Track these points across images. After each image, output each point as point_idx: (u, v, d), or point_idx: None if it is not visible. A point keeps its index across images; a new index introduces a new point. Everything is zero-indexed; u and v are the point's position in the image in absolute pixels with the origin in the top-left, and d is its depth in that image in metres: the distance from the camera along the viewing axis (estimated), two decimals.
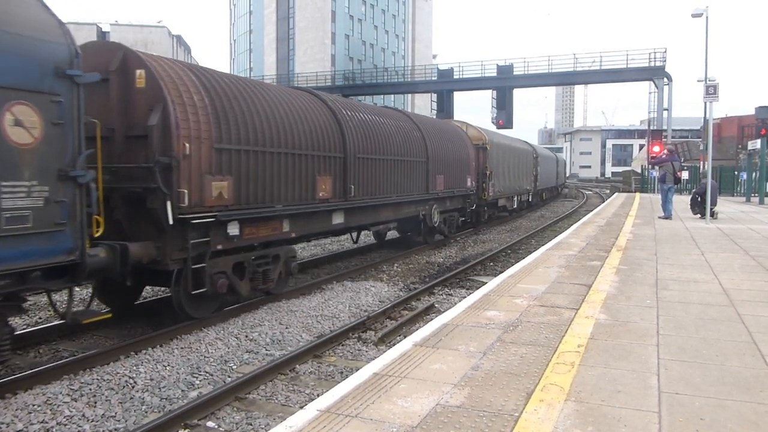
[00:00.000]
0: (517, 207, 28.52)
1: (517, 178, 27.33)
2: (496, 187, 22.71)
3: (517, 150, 28.09)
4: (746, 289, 7.41)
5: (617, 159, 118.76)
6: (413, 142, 14.47)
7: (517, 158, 27.28)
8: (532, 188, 32.69)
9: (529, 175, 31.99)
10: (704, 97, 16.31)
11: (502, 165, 23.77)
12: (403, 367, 4.54)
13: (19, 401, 5.51)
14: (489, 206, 22.66)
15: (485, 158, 20.90)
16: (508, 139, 28.45)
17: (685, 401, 3.86)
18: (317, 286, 10.91)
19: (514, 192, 26.81)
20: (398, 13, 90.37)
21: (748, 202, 27.36)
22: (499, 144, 23.72)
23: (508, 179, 24.97)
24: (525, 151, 31.47)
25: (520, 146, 30.64)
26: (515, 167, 27.26)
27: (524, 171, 30.54)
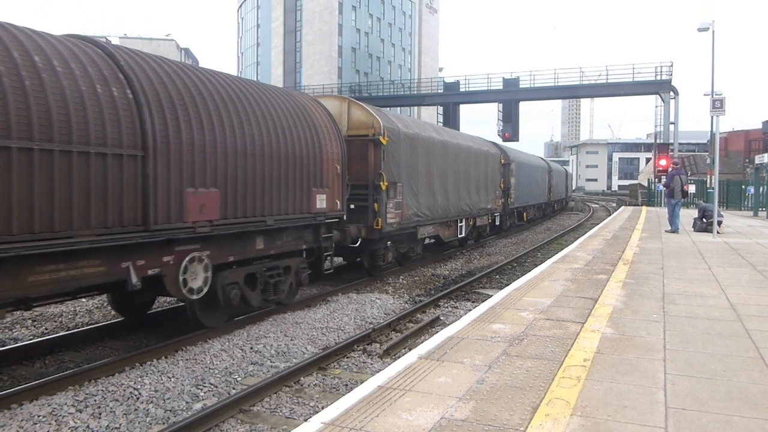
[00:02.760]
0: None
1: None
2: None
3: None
4: (754, 304, 7.36)
5: (624, 172, 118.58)
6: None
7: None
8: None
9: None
10: (711, 110, 16.31)
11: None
12: (408, 380, 4.53)
13: (25, 412, 5.52)
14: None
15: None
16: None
17: (692, 417, 3.83)
18: (322, 298, 10.90)
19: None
20: (405, 27, 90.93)
21: (755, 216, 27.21)
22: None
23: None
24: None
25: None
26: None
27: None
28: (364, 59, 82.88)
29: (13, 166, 5.20)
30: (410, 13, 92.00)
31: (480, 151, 19.30)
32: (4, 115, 5.12)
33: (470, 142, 18.58)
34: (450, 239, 16.85)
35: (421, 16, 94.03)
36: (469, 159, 17.82)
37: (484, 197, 19.48)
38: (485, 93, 48.99)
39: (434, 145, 15.12)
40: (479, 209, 18.86)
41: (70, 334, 8.10)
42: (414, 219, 13.75)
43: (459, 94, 50.14)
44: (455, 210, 16.50)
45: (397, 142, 12.77)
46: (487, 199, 19.82)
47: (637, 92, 45.13)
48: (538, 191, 31.98)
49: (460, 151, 17.09)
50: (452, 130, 19.56)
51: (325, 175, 9.92)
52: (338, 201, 10.36)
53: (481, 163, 19.27)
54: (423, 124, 15.61)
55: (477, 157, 18.78)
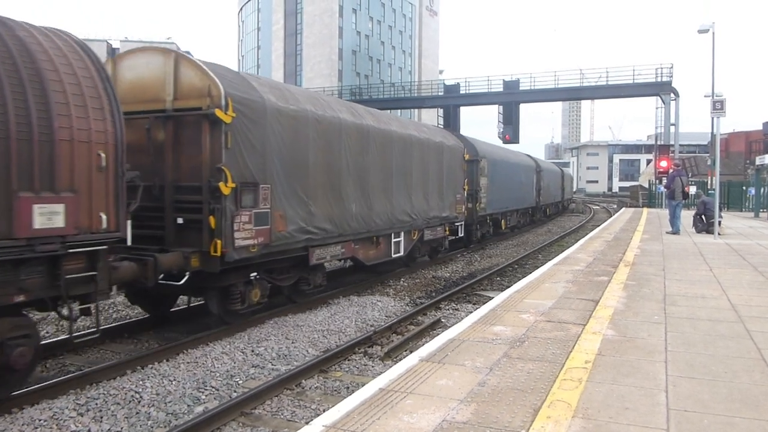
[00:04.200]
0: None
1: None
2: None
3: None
4: (755, 305, 7.35)
5: (624, 174, 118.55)
6: None
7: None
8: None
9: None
10: (711, 112, 16.33)
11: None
12: (410, 382, 4.53)
13: (26, 416, 5.52)
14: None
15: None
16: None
17: (694, 419, 3.82)
18: (323, 301, 10.90)
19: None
20: (405, 29, 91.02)
21: (756, 217, 27.20)
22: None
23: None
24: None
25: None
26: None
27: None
28: (364, 62, 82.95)
29: None
30: (410, 16, 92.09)
31: (430, 143, 14.70)
32: None
33: (413, 130, 14.12)
34: (377, 261, 12.46)
35: (421, 18, 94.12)
36: (409, 152, 13.42)
37: (436, 202, 14.99)
38: (485, 95, 48.98)
39: (343, 131, 10.62)
40: (428, 218, 14.48)
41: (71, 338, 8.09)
42: (300, 237, 9.39)
43: (459, 97, 50.14)
44: (384, 221, 12.13)
45: (260, 121, 8.47)
46: (441, 205, 15.31)
47: (637, 94, 45.08)
48: (523, 194, 27.81)
49: (393, 140, 12.55)
50: (384, 112, 14.59)
51: (62, 170, 5.89)
52: (102, 214, 6.29)
53: (432, 159, 14.82)
54: (323, 99, 10.89)
55: (424, 150, 14.32)
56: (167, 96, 8.10)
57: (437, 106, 54.20)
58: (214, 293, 8.48)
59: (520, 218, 27.97)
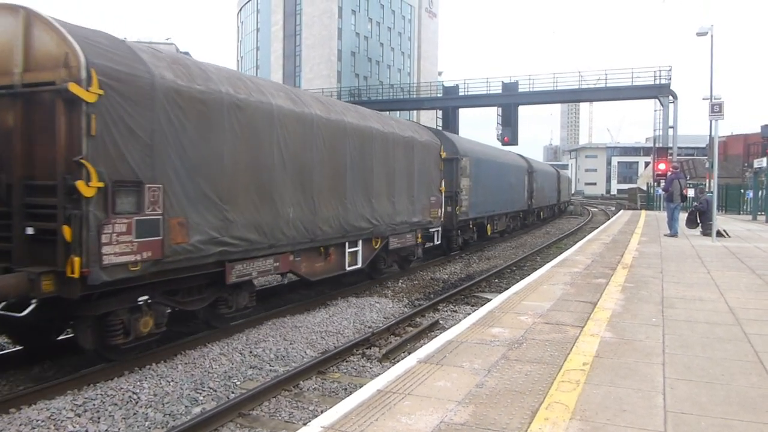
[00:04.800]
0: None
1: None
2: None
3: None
4: (753, 308, 7.36)
5: (623, 176, 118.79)
6: None
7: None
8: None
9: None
10: (709, 115, 16.34)
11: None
12: (408, 384, 4.53)
13: (23, 416, 5.51)
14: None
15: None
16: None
17: (691, 421, 3.83)
18: (322, 302, 10.90)
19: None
20: (404, 31, 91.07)
21: (754, 220, 27.25)
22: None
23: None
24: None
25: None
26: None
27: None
28: (363, 63, 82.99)
29: None
30: (410, 17, 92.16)
31: (396, 138, 12.82)
32: None
33: (375, 122, 12.15)
34: (327, 275, 10.63)
35: (420, 20, 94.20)
36: (369, 148, 11.57)
37: (405, 206, 13.18)
38: (484, 97, 49.07)
39: (276, 120, 8.76)
40: (394, 224, 12.64)
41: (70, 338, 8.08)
42: (210, 250, 7.48)
43: (458, 98, 50.22)
44: (335, 228, 10.31)
45: (145, 103, 6.64)
46: (411, 209, 13.49)
47: (636, 96, 45.18)
48: (513, 196, 25.76)
49: (348, 133, 10.74)
50: (339, 101, 12.65)
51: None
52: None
53: (399, 156, 12.92)
54: (253, 81, 8.87)
55: (389, 145, 12.46)
56: (15, 67, 6.24)
57: (436, 108, 54.29)
58: (86, 324, 6.58)
59: (510, 222, 25.86)
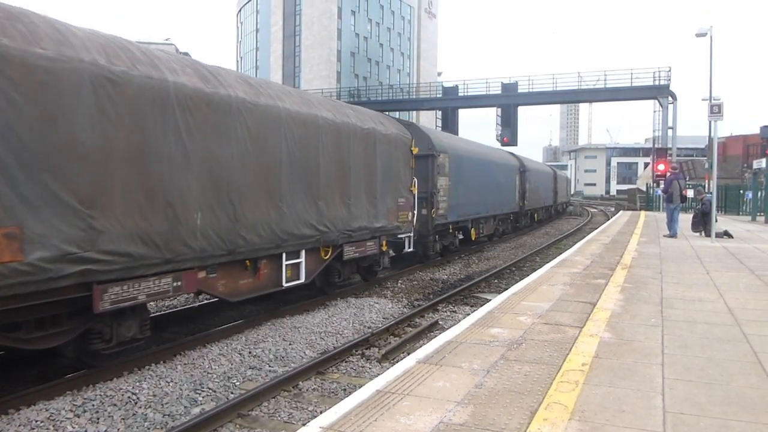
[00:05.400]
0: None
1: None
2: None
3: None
4: (752, 309, 7.36)
5: (622, 177, 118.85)
6: None
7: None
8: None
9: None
10: (709, 116, 16.36)
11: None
12: (407, 384, 4.53)
13: (22, 417, 5.51)
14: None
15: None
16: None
17: (690, 421, 3.83)
18: (321, 303, 10.90)
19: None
20: (403, 31, 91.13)
21: (753, 221, 27.27)
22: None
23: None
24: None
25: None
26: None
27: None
28: (363, 63, 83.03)
29: None
30: (409, 18, 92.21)
31: (353, 130, 10.93)
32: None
33: (324, 110, 10.20)
34: (255, 293, 8.70)
35: (419, 20, 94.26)
36: (314, 140, 9.73)
37: (364, 209, 11.34)
38: (484, 97, 49.08)
39: (172, 101, 6.90)
40: (350, 230, 10.79)
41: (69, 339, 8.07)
42: (64, 270, 5.66)
43: (458, 99, 50.22)
44: (266, 236, 8.50)
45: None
46: (373, 212, 11.69)
47: (635, 97, 45.21)
48: (503, 197, 23.81)
49: (283, 122, 8.86)
50: (278, 84, 10.51)
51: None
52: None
53: (357, 151, 11.10)
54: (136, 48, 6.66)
55: (343, 138, 10.59)
56: None
57: (435, 108, 54.32)
58: None
59: (499, 225, 23.93)
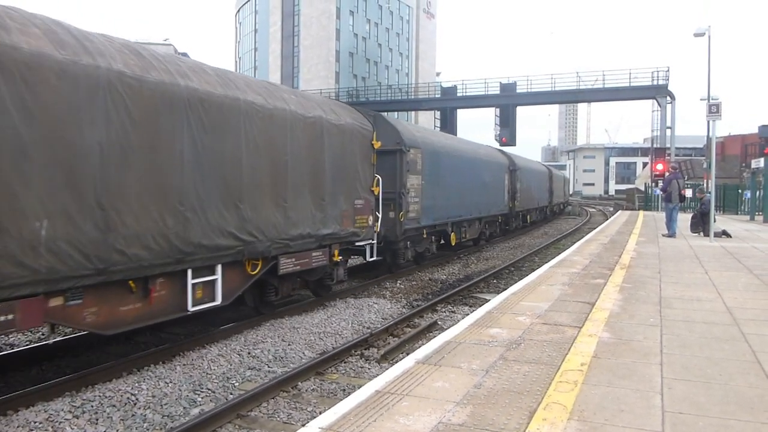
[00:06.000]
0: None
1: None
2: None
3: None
4: (750, 308, 7.37)
5: (621, 177, 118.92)
6: None
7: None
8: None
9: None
10: (707, 115, 16.37)
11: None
12: (406, 384, 4.53)
13: (21, 418, 5.50)
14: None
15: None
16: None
17: (689, 421, 3.83)
18: (320, 303, 10.89)
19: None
20: (402, 32, 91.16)
21: (752, 220, 27.30)
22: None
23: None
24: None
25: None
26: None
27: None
28: (361, 64, 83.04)
29: None
30: (407, 18, 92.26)
31: (291, 117, 9.11)
32: None
33: (250, 93, 8.38)
34: (145, 322, 6.92)
35: (418, 20, 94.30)
36: (234, 128, 7.93)
37: (308, 213, 9.53)
38: (483, 98, 49.12)
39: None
40: (288, 239, 9.02)
41: (67, 340, 8.08)
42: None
43: (456, 99, 50.26)
44: (159, 248, 6.72)
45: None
46: (320, 216, 9.86)
47: (634, 97, 45.28)
48: (489, 198, 21.78)
49: (186, 105, 7.08)
50: (186, 59, 8.36)
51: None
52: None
53: (297, 143, 9.25)
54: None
55: (275, 127, 8.77)
56: None
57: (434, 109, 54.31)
58: None
59: (485, 229, 21.99)
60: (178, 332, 8.77)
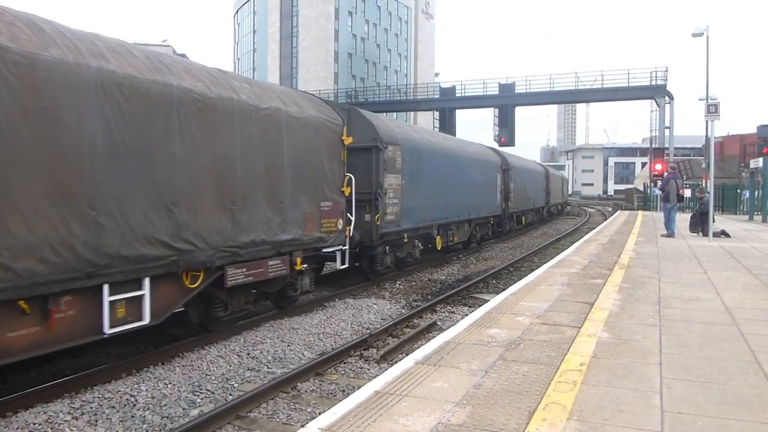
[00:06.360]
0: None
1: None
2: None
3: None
4: (749, 308, 7.38)
5: (619, 177, 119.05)
6: None
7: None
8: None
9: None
10: (705, 115, 16.40)
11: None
12: (405, 385, 4.53)
13: (20, 420, 5.50)
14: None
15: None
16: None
17: (688, 421, 3.84)
18: (319, 304, 10.89)
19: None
20: (401, 32, 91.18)
21: (750, 220, 27.32)
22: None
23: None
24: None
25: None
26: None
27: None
28: (360, 64, 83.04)
29: None
30: (406, 19, 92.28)
31: (240, 108, 8.01)
32: None
33: (188, 79, 7.31)
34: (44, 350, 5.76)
35: (417, 21, 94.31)
36: (165, 119, 6.88)
37: (260, 215, 8.42)
38: (481, 98, 49.17)
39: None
40: (234, 246, 7.90)
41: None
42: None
43: (455, 99, 50.30)
44: (60, 260, 5.61)
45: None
46: (278, 220, 8.78)
47: (632, 97, 45.36)
48: (479, 199, 20.54)
49: (100, 91, 6.05)
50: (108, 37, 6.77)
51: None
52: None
53: (250, 137, 8.21)
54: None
55: (220, 119, 7.67)
56: None
57: (433, 109, 54.39)
58: None
59: (476, 231, 20.87)
60: (177, 333, 8.76)
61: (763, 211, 26.27)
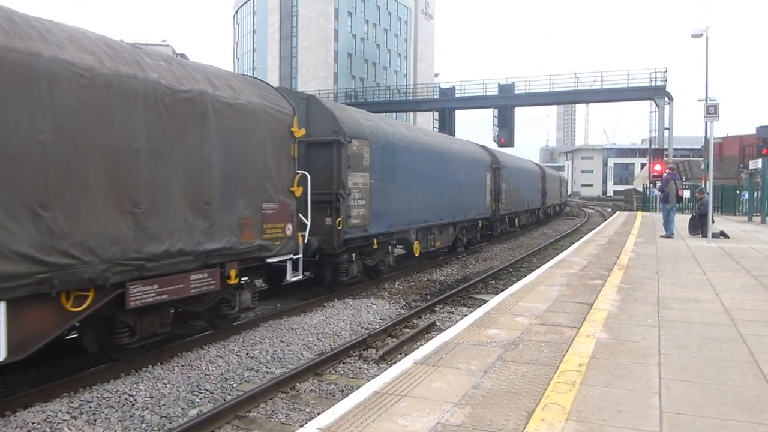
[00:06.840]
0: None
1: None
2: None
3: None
4: (748, 309, 7.38)
5: (619, 177, 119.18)
6: None
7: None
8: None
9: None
10: (705, 116, 16.40)
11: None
12: (404, 385, 4.53)
13: (19, 419, 5.50)
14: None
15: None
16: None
17: (687, 421, 3.84)
18: (318, 304, 10.89)
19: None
20: (400, 33, 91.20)
21: (750, 221, 27.34)
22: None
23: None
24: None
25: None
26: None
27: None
28: (359, 65, 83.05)
29: None
30: (406, 19, 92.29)
31: (145, 88, 6.51)
32: None
33: (60, 48, 5.65)
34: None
35: (416, 21, 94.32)
36: (21, 98, 5.24)
37: (180, 220, 6.98)
38: (481, 98, 49.21)
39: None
40: (140, 258, 6.42)
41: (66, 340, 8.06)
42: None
43: (455, 100, 50.34)
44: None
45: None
46: (204, 226, 7.33)
47: (632, 98, 45.41)
48: (465, 200, 19.09)
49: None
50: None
51: None
52: None
53: (158, 125, 6.69)
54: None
55: (114, 101, 6.16)
56: None
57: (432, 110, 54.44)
58: None
59: (462, 234, 19.39)
60: (176, 333, 8.76)
61: (762, 212, 26.30)
